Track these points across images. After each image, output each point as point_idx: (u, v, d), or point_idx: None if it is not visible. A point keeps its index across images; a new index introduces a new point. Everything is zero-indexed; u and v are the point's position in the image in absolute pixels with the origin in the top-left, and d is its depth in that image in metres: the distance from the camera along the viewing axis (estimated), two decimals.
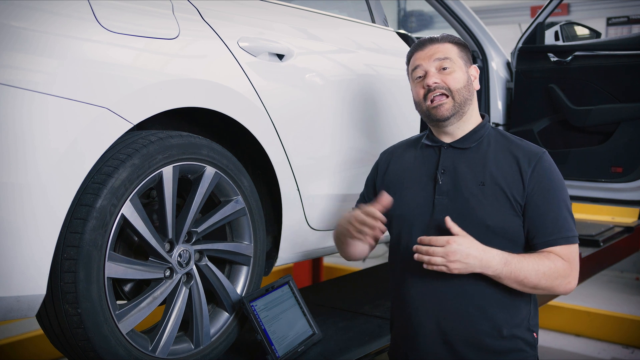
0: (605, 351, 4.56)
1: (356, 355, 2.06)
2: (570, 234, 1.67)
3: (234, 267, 1.98)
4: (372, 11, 2.62)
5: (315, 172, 2.19)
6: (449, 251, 1.56)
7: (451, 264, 1.57)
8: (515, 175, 1.69)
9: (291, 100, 2.07)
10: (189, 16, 1.79)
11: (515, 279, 1.61)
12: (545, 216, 1.67)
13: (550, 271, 1.63)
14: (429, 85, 1.75)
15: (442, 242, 1.57)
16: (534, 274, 1.61)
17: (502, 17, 9.68)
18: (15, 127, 1.37)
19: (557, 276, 1.64)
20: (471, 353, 1.68)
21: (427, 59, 1.78)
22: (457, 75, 1.76)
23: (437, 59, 1.77)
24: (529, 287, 1.64)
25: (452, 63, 1.76)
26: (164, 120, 1.86)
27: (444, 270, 1.58)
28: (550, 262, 1.63)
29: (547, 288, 1.65)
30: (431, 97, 1.75)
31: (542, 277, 1.62)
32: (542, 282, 1.63)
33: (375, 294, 2.74)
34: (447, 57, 1.77)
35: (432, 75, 1.76)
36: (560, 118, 3.26)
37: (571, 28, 3.45)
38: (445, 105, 1.74)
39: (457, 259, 1.57)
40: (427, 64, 1.78)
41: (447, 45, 1.80)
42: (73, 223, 1.48)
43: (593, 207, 4.78)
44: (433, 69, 1.77)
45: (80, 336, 1.52)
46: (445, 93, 1.75)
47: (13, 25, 1.39)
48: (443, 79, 1.75)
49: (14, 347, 3.99)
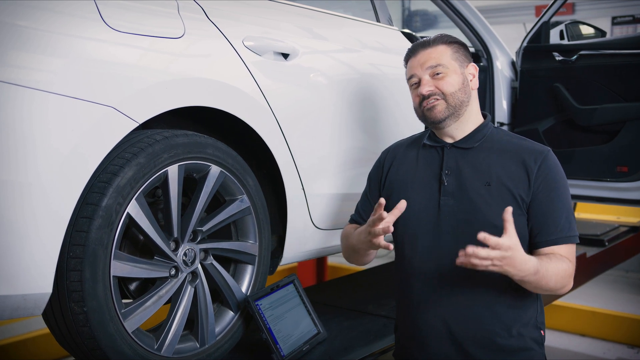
0: (610, 351, 4.55)
1: (361, 355, 2.06)
2: (572, 234, 1.68)
3: (239, 266, 1.98)
4: (376, 10, 2.62)
5: (320, 172, 2.19)
6: (506, 256, 1.47)
7: (496, 268, 1.48)
8: (522, 174, 1.69)
9: (296, 99, 2.07)
10: (194, 15, 1.79)
11: (537, 284, 1.59)
12: (548, 215, 1.67)
13: (564, 273, 1.63)
14: (422, 94, 1.76)
15: (506, 247, 1.46)
16: (554, 278, 1.60)
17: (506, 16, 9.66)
18: (21, 127, 1.38)
19: (567, 277, 1.64)
20: (480, 352, 1.68)
21: (420, 67, 1.78)
22: (450, 79, 1.75)
23: (429, 67, 1.76)
24: (542, 289, 1.62)
25: (444, 68, 1.76)
26: (169, 119, 1.86)
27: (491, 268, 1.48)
28: (565, 265, 1.63)
29: (556, 289, 1.64)
30: (424, 104, 1.77)
31: (558, 279, 1.62)
32: (555, 285, 1.62)
33: (380, 293, 2.73)
34: (439, 63, 1.76)
35: (425, 83, 1.77)
36: (565, 117, 3.26)
37: (576, 27, 3.44)
38: (438, 106, 1.74)
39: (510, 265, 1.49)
40: (420, 72, 1.78)
41: (440, 47, 1.78)
42: (79, 222, 1.49)
43: (598, 207, 4.77)
44: (426, 77, 1.77)
45: (86, 335, 1.53)
46: (439, 97, 1.75)
47: (19, 25, 1.40)
48: (436, 84, 1.76)
49: (15, 348, 4.00)
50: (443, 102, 1.75)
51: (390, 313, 2.40)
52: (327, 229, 2.24)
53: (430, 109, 1.75)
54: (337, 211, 2.26)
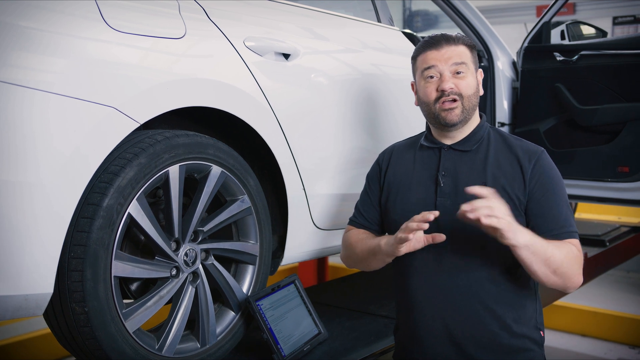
0: (611, 351, 4.55)
1: (362, 355, 2.06)
2: (572, 229, 1.67)
3: (240, 266, 1.98)
4: (377, 10, 2.62)
5: (321, 172, 2.19)
6: (489, 205, 1.49)
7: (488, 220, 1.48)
8: (517, 174, 1.69)
9: (297, 99, 2.07)
10: (195, 16, 1.79)
11: (543, 254, 1.55)
12: (547, 213, 1.67)
13: (571, 255, 1.61)
14: (444, 90, 1.73)
15: (484, 194, 1.51)
16: (558, 253, 1.58)
17: (507, 16, 9.67)
18: (23, 127, 1.38)
19: (575, 261, 1.61)
20: (480, 353, 1.68)
21: (444, 61, 1.74)
22: (469, 81, 1.74)
23: (455, 63, 1.73)
24: (552, 267, 1.57)
25: (466, 68, 1.74)
26: (171, 120, 1.86)
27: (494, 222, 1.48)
28: (569, 247, 1.62)
29: (566, 274, 1.61)
30: (443, 100, 1.73)
31: (564, 258, 1.59)
32: (565, 264, 1.59)
33: (380, 294, 2.73)
34: (464, 61, 1.74)
35: (448, 79, 1.73)
36: (566, 117, 3.25)
37: (577, 27, 3.44)
38: (455, 110, 1.73)
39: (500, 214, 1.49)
40: (443, 66, 1.74)
41: (462, 47, 1.76)
42: (80, 222, 1.49)
43: (599, 207, 4.78)
44: (448, 72, 1.73)
45: (87, 335, 1.53)
46: (456, 98, 1.73)
47: (20, 25, 1.40)
48: (457, 83, 1.73)
49: (16, 347, 4.00)
50: (460, 105, 1.72)
51: (391, 313, 2.40)
52: (327, 229, 2.24)
53: (447, 111, 1.73)
54: (338, 211, 2.26)
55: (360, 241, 1.85)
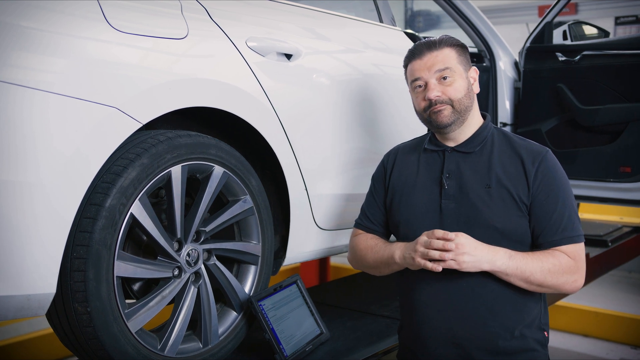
0: (613, 352, 4.54)
1: (364, 355, 2.06)
2: (574, 234, 1.67)
3: (242, 267, 1.98)
4: (379, 11, 2.62)
5: (323, 172, 2.19)
6: (458, 243, 1.57)
7: (460, 257, 1.57)
8: (520, 175, 1.69)
9: (299, 100, 2.07)
10: (197, 16, 1.79)
11: (521, 275, 1.61)
12: (549, 216, 1.66)
13: (555, 268, 1.63)
14: (430, 99, 1.73)
15: (452, 236, 1.58)
16: (539, 270, 1.61)
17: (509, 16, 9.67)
18: (24, 127, 1.38)
19: (562, 273, 1.63)
20: (483, 355, 1.68)
21: (427, 70, 1.74)
22: (457, 84, 1.73)
23: (438, 70, 1.73)
24: (535, 284, 1.63)
25: (452, 72, 1.73)
26: (173, 120, 1.86)
27: (453, 265, 1.58)
28: (555, 259, 1.63)
29: (554, 286, 1.64)
30: (432, 109, 1.74)
31: (547, 273, 1.62)
32: (548, 279, 1.63)
33: (382, 294, 2.73)
34: (447, 66, 1.73)
35: (433, 88, 1.73)
36: (568, 118, 3.25)
37: (579, 27, 3.43)
38: (444, 112, 1.73)
39: (466, 251, 1.57)
40: (427, 76, 1.74)
41: (446, 50, 1.75)
42: (82, 222, 1.49)
43: (601, 207, 4.77)
44: (434, 80, 1.73)
45: (90, 335, 1.53)
46: (446, 103, 1.73)
47: (21, 25, 1.40)
48: (444, 90, 1.73)
49: (18, 347, 4.00)
50: (450, 107, 1.73)
51: (393, 313, 2.40)
52: (330, 229, 2.24)
53: (436, 113, 1.73)
54: (340, 212, 2.26)
55: (371, 249, 1.85)
